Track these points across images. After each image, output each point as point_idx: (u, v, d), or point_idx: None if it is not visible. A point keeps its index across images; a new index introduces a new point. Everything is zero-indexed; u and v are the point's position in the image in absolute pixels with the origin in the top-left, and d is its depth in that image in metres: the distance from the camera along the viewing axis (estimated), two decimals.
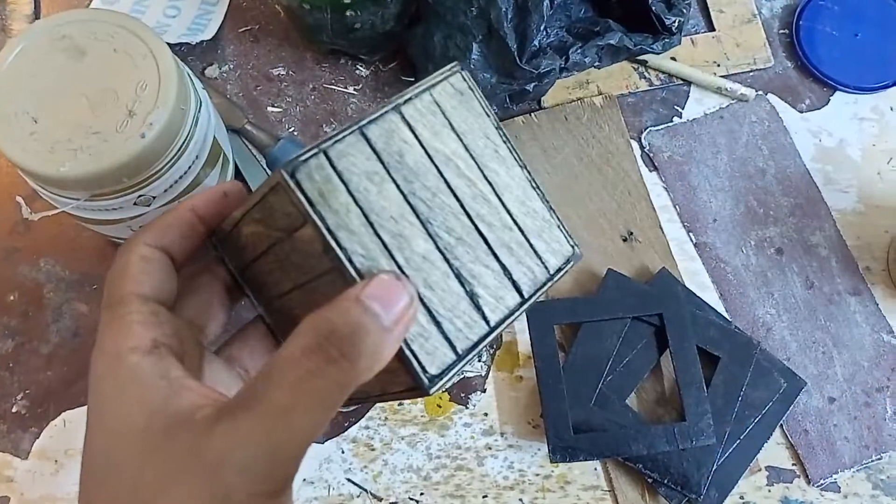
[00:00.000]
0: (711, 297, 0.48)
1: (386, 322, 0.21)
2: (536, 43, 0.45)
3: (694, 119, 0.52)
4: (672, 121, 0.52)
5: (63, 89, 0.35)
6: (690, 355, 0.44)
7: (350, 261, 0.22)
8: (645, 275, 0.47)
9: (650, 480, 0.43)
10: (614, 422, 0.43)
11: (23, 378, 0.45)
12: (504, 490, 0.44)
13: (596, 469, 0.44)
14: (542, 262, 0.26)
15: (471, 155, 0.26)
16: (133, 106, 0.35)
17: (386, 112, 0.24)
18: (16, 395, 0.44)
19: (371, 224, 0.23)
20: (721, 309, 0.48)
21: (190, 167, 0.39)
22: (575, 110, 0.51)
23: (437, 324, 0.23)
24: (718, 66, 0.53)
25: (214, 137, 0.41)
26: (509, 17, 0.45)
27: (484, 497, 0.44)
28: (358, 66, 0.52)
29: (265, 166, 0.48)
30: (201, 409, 0.22)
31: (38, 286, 0.46)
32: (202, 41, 0.51)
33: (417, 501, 0.44)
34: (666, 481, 0.42)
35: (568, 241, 0.27)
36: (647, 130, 0.52)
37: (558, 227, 0.27)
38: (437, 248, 0.24)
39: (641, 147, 0.51)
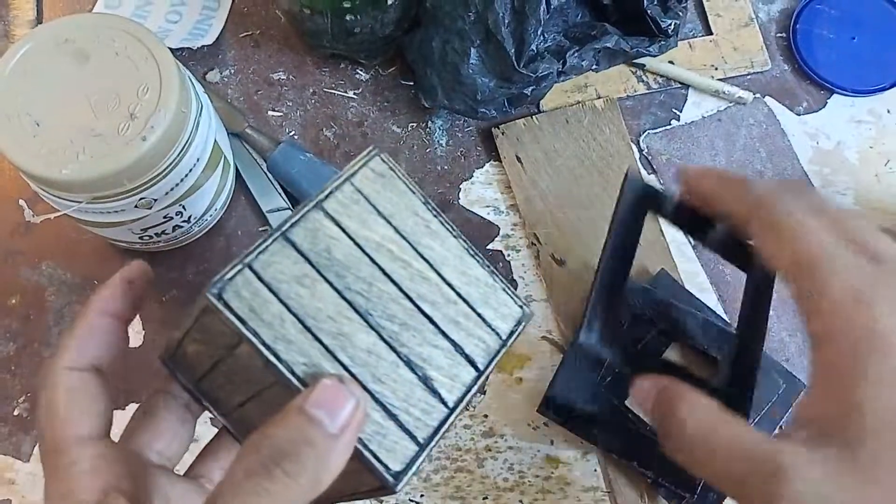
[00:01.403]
0: (710, 298, 0.48)
1: (332, 429, 0.21)
2: (534, 47, 0.46)
3: (692, 122, 0.53)
4: (670, 124, 0.52)
5: (65, 93, 0.36)
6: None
7: (292, 372, 0.22)
8: (644, 276, 0.48)
9: (649, 481, 0.43)
10: (612, 421, 0.43)
11: (24, 381, 0.45)
12: (504, 492, 0.44)
13: (596, 470, 0.44)
14: (493, 330, 0.26)
15: (402, 236, 0.25)
16: (135, 109, 0.36)
17: (308, 211, 0.24)
18: (17, 397, 0.44)
19: (308, 329, 0.22)
20: (720, 311, 0.48)
21: (191, 170, 0.39)
22: (576, 113, 0.51)
23: (394, 417, 0.23)
24: (716, 69, 0.53)
25: (215, 141, 0.42)
26: (507, 21, 0.45)
27: (484, 499, 0.44)
28: (358, 71, 0.52)
29: (265, 170, 0.49)
30: None
31: (39, 289, 0.46)
32: (203, 46, 0.51)
33: (417, 503, 0.44)
34: (660, 480, 0.42)
35: (516, 303, 0.27)
36: (646, 133, 0.52)
37: (503, 289, 0.27)
38: (382, 338, 0.24)
39: (640, 150, 0.51)
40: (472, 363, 0.25)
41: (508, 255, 0.49)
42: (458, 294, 0.26)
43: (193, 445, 0.31)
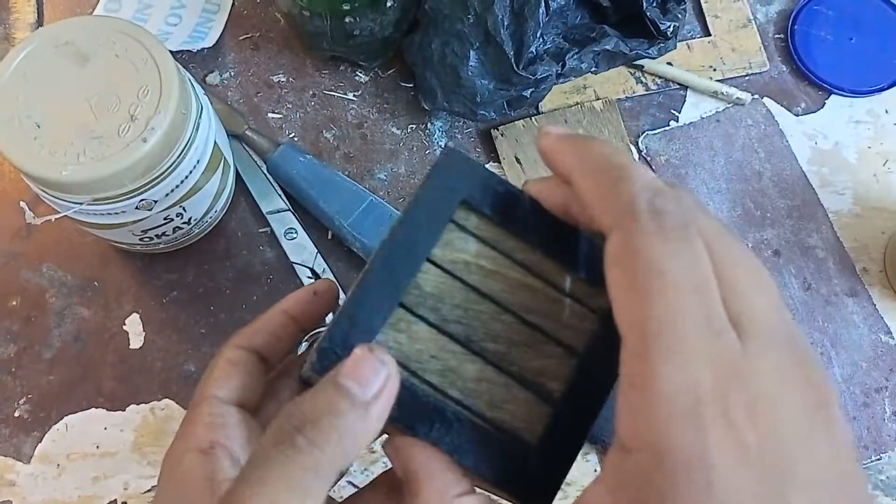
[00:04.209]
0: None
1: (363, 398, 0.21)
2: (533, 49, 0.46)
3: (690, 123, 0.53)
4: (669, 125, 0.53)
5: (66, 94, 0.36)
6: None
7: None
8: None
9: None
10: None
11: (25, 382, 0.45)
12: None
13: (595, 470, 0.44)
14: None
15: (491, 247, 0.24)
16: (135, 111, 0.36)
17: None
18: (18, 399, 0.45)
19: (415, 373, 0.22)
20: None
21: (191, 172, 0.39)
22: (575, 114, 0.52)
23: (518, 440, 0.22)
24: (714, 70, 0.54)
25: (215, 143, 0.42)
26: (506, 24, 0.45)
27: None
28: (357, 73, 0.53)
29: (265, 171, 0.49)
30: None
31: (40, 291, 0.47)
32: (203, 48, 0.51)
33: None
34: None
35: None
36: (644, 134, 0.52)
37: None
38: (489, 362, 0.23)
39: (639, 151, 0.52)
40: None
41: None
42: (563, 292, 0.24)
43: None
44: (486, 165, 0.51)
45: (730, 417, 0.17)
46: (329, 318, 0.31)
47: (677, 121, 0.53)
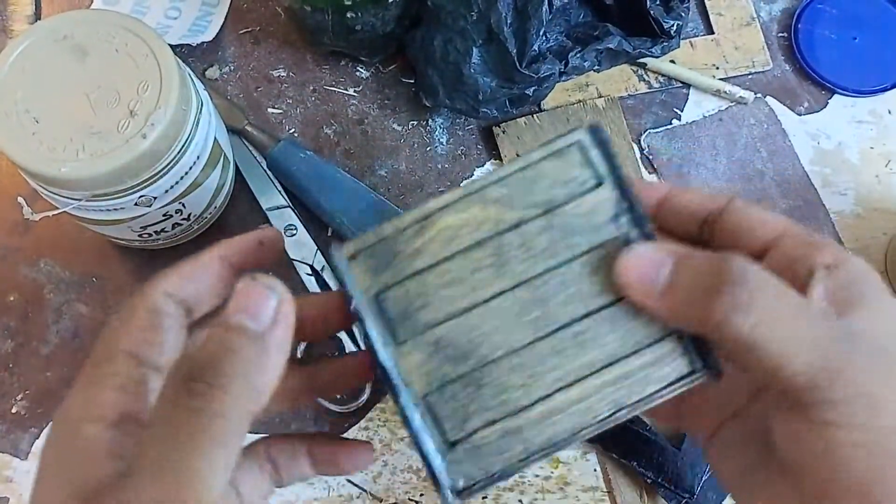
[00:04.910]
0: None
1: (257, 329, 0.19)
2: (536, 48, 0.46)
3: (693, 121, 0.52)
4: (671, 123, 0.52)
5: (64, 89, 0.36)
6: None
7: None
8: None
9: (648, 481, 0.43)
10: None
11: (22, 378, 0.45)
12: (504, 491, 0.44)
13: (595, 470, 0.44)
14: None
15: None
16: (134, 106, 0.35)
17: None
18: (15, 395, 0.44)
19: None
20: None
21: (191, 168, 0.39)
22: (577, 112, 0.51)
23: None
24: (717, 68, 0.53)
25: (215, 138, 0.41)
26: (509, 21, 0.45)
27: (484, 498, 0.44)
28: (358, 68, 0.52)
29: (265, 167, 0.48)
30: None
31: (38, 287, 0.46)
32: (203, 42, 0.51)
33: (417, 502, 0.44)
34: (661, 480, 0.42)
35: None
36: (647, 133, 0.52)
37: None
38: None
39: (641, 149, 0.51)
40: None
41: None
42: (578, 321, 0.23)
43: None
44: (488, 163, 0.51)
45: None
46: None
47: (679, 119, 0.52)
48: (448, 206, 0.23)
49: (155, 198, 0.38)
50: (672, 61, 0.53)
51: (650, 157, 0.51)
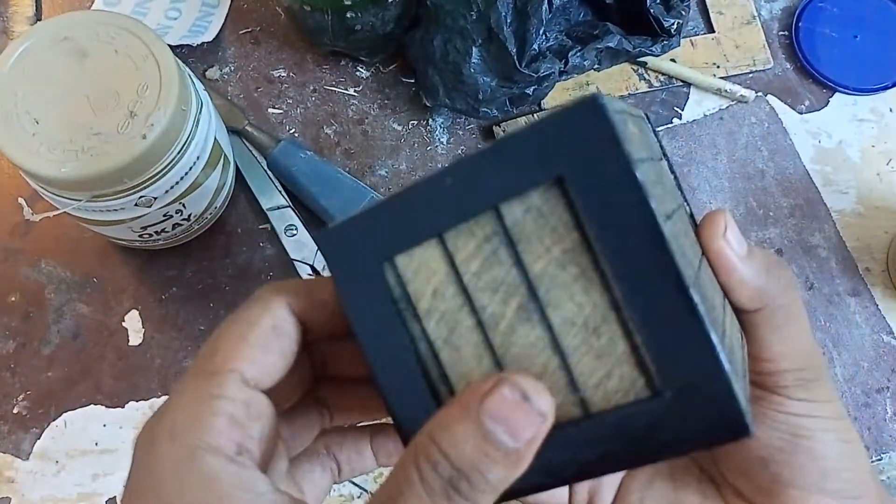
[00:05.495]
0: None
1: (512, 448, 0.18)
2: (536, 47, 0.46)
3: (693, 120, 0.52)
4: (672, 122, 0.52)
5: (65, 90, 0.36)
6: None
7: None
8: None
9: None
10: None
11: (24, 379, 0.45)
12: None
13: None
14: None
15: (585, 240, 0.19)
16: (134, 107, 0.35)
17: None
18: (17, 395, 0.44)
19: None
20: None
21: (191, 168, 0.39)
22: None
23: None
24: (718, 67, 0.53)
25: (215, 139, 0.41)
26: (509, 21, 0.45)
27: None
28: (358, 68, 0.52)
29: (266, 168, 0.48)
30: None
31: (39, 287, 0.46)
32: (203, 43, 0.51)
33: None
34: None
35: None
36: None
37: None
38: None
39: None
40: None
41: None
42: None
43: None
44: None
45: None
46: None
47: (680, 118, 0.52)
48: None
49: (155, 198, 0.38)
50: (672, 60, 0.53)
51: None
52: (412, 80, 0.52)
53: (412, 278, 0.20)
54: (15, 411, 0.44)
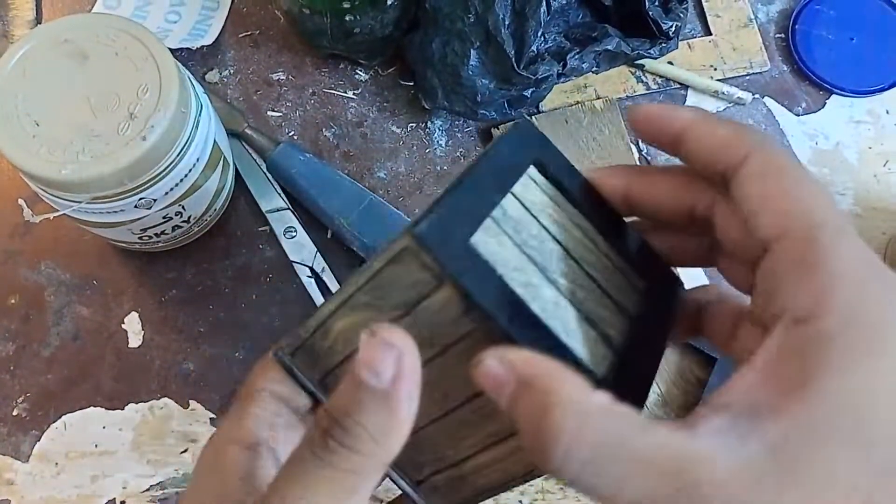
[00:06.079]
0: None
1: (381, 385, 0.20)
2: (534, 49, 0.46)
3: None
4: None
5: (65, 93, 0.36)
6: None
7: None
8: None
9: None
10: None
11: (23, 381, 0.45)
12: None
13: None
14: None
15: (557, 204, 0.25)
16: (134, 109, 0.36)
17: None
18: (16, 397, 0.44)
19: (500, 277, 0.21)
20: None
21: (191, 170, 0.39)
22: (575, 113, 0.51)
23: (589, 373, 0.21)
24: (715, 69, 0.53)
25: (215, 141, 0.41)
26: (507, 23, 0.45)
27: None
28: (357, 71, 0.52)
29: (265, 170, 0.49)
30: None
31: (39, 289, 0.46)
32: (203, 46, 0.51)
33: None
34: None
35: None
36: None
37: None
38: (562, 293, 0.23)
39: (639, 150, 0.51)
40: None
41: None
42: (613, 264, 0.25)
43: None
44: None
45: None
46: None
47: None
48: (335, 314, 0.24)
49: (155, 200, 0.38)
50: (670, 63, 0.53)
51: (648, 158, 0.51)
52: (411, 83, 0.52)
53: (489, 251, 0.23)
54: (14, 413, 0.44)
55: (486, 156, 0.24)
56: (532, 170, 0.25)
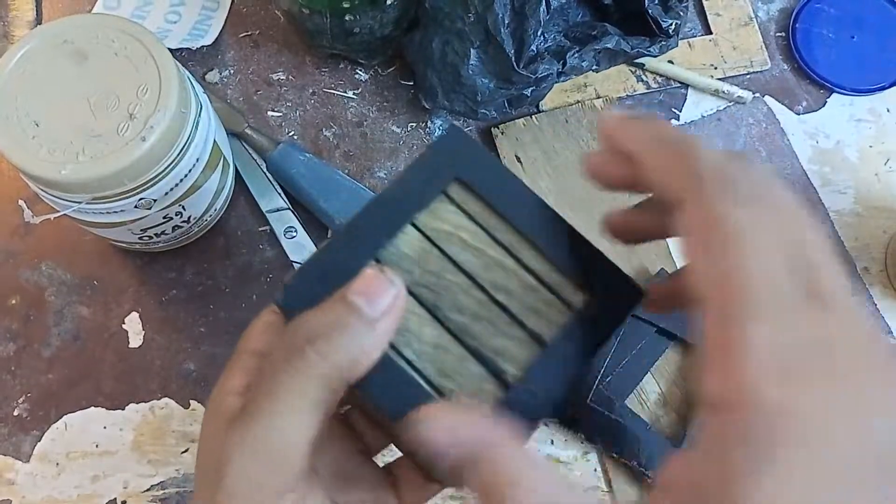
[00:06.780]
0: None
1: (369, 315, 0.22)
2: (534, 48, 0.46)
3: (691, 121, 0.53)
4: (670, 123, 0.52)
5: (65, 93, 0.36)
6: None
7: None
8: (644, 276, 0.48)
9: (649, 481, 0.43)
10: (611, 417, 0.43)
11: (24, 381, 0.45)
12: None
13: (596, 470, 0.44)
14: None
15: (475, 222, 0.24)
16: (134, 109, 0.36)
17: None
18: (17, 398, 0.44)
19: None
20: None
21: (190, 170, 0.39)
22: (575, 113, 0.51)
23: None
24: (715, 68, 0.53)
25: (215, 141, 0.41)
26: (506, 22, 0.45)
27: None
28: (357, 71, 0.52)
29: (265, 170, 0.49)
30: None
31: (39, 289, 0.46)
32: (203, 46, 0.51)
33: None
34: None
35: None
36: None
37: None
38: (449, 331, 0.23)
39: None
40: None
41: None
42: (540, 280, 0.24)
43: None
44: None
45: (818, 378, 0.18)
46: None
47: (678, 119, 0.53)
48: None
49: (155, 200, 0.38)
50: (670, 61, 0.53)
51: None
52: (411, 83, 0.52)
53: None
54: (15, 413, 0.44)
55: (400, 180, 0.24)
56: (454, 186, 0.25)
